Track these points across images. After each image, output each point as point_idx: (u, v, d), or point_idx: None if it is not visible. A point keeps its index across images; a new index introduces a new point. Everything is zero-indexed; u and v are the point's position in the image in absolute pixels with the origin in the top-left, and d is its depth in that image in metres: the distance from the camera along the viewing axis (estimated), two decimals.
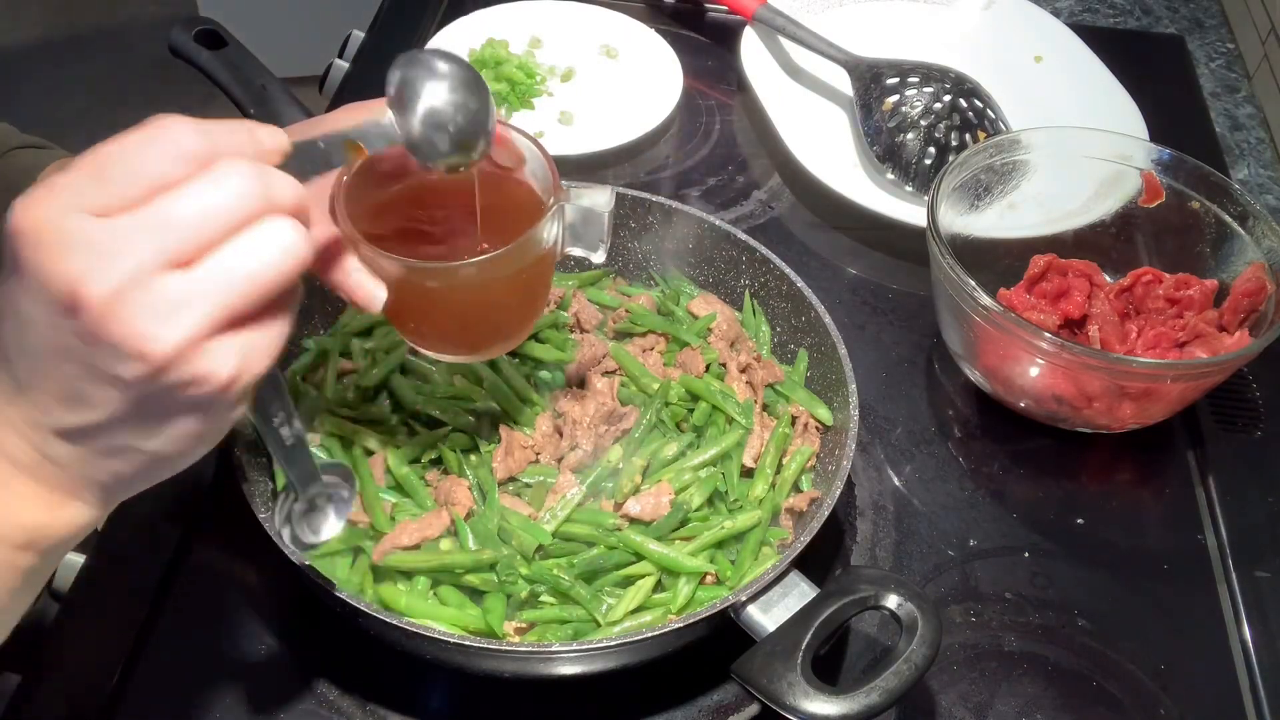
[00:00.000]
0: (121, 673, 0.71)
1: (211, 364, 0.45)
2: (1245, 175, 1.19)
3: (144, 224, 0.43)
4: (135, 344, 0.43)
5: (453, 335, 0.68)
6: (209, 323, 0.44)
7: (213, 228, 0.44)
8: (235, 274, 0.44)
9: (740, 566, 0.72)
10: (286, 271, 0.46)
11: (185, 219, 0.43)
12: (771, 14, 1.17)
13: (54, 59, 2.92)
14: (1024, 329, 0.81)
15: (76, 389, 0.45)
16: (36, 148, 0.82)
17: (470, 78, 0.56)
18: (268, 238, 0.45)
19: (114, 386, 0.45)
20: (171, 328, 0.43)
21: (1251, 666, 0.78)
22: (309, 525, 0.61)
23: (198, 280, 0.43)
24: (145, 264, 0.42)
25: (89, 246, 0.42)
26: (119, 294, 0.42)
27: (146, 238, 0.43)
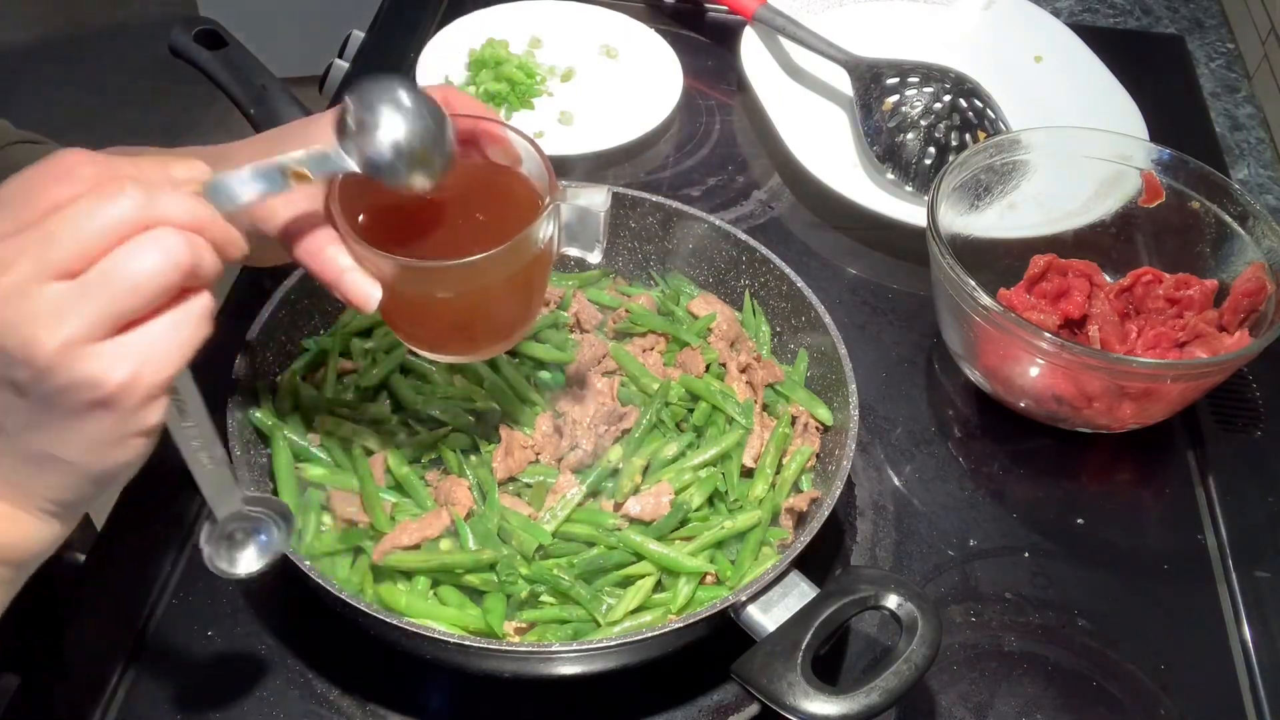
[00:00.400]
0: (121, 673, 0.71)
1: (100, 365, 0.46)
2: (1245, 175, 1.19)
3: (29, 239, 0.45)
4: (19, 348, 0.45)
5: (448, 335, 0.68)
6: (90, 325, 0.46)
7: (94, 239, 0.46)
8: (114, 279, 0.46)
9: (740, 566, 0.72)
10: (168, 277, 0.47)
11: (67, 232, 0.45)
12: (771, 14, 1.17)
13: (54, 59, 2.92)
14: (1024, 329, 0.81)
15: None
16: (32, 143, 0.82)
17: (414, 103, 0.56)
18: (149, 244, 0.46)
19: (12, 394, 0.47)
20: (53, 330, 0.45)
21: (1251, 666, 0.78)
22: (227, 553, 0.60)
23: (79, 286, 0.45)
24: (29, 274, 0.45)
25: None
26: (2, 303, 0.45)
27: (30, 251, 0.45)
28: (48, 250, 0.45)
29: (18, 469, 0.50)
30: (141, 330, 0.47)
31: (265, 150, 0.67)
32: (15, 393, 0.47)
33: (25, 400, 0.47)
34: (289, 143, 0.67)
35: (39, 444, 0.49)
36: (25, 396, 0.47)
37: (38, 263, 0.45)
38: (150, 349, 0.47)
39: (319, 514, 0.74)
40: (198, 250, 0.48)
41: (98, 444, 0.49)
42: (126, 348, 0.47)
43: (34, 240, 0.45)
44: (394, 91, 0.56)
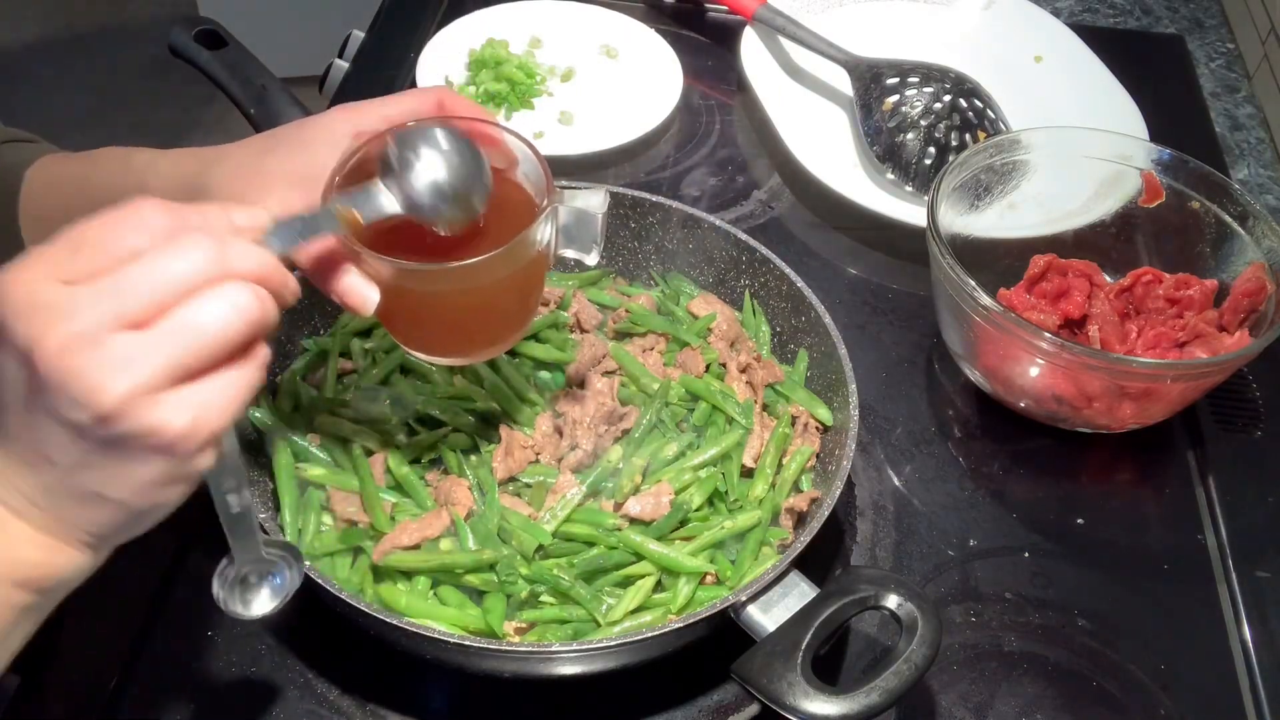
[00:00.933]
0: (121, 673, 0.71)
1: (164, 415, 0.47)
2: (1245, 175, 1.19)
3: (102, 288, 0.46)
4: (84, 394, 0.46)
5: (445, 337, 0.68)
6: (157, 376, 0.47)
7: (166, 291, 0.47)
8: (184, 331, 0.47)
9: (740, 566, 0.72)
10: (235, 332, 0.48)
11: (140, 283, 0.47)
12: (771, 14, 1.17)
13: (54, 59, 2.92)
14: (1024, 329, 0.81)
15: (43, 438, 0.48)
16: (23, 142, 0.82)
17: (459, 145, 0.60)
18: (219, 298, 0.48)
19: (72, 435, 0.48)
20: (119, 379, 0.46)
21: (1251, 666, 0.78)
22: (241, 596, 0.60)
23: (148, 337, 0.47)
24: (100, 323, 0.46)
25: (50, 308, 0.46)
26: (71, 348, 0.45)
27: (103, 300, 0.46)
28: (120, 300, 0.46)
29: (63, 503, 0.51)
30: (204, 381, 0.48)
31: (260, 152, 0.67)
32: (73, 434, 0.48)
33: (82, 441, 0.48)
34: (286, 143, 0.67)
35: (88, 482, 0.50)
36: (83, 439, 0.48)
37: (109, 312, 0.46)
38: (210, 399, 0.48)
39: (319, 514, 0.74)
40: (265, 304, 0.50)
41: (146, 486, 0.50)
42: (188, 398, 0.48)
43: (106, 289, 0.46)
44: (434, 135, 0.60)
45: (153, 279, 0.47)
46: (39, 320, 0.46)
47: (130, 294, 0.46)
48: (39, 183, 0.76)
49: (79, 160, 0.77)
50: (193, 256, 0.48)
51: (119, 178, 0.73)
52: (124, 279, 0.47)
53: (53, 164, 0.78)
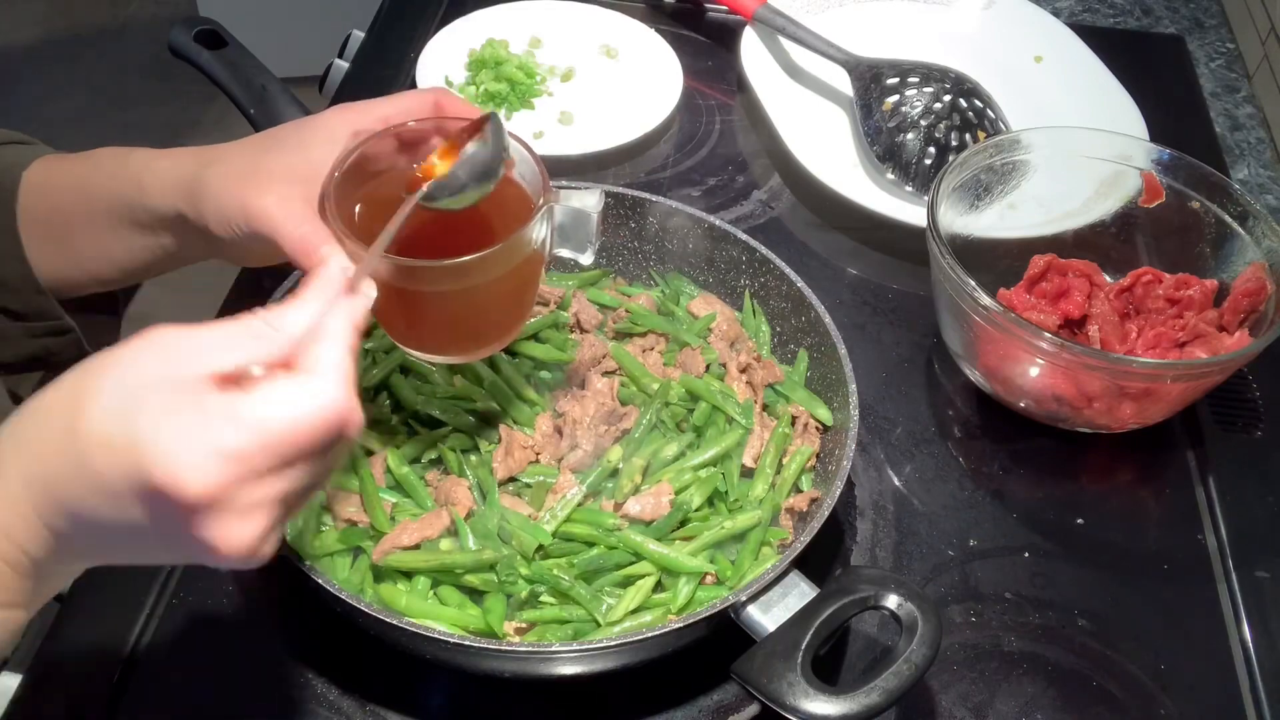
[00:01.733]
0: (121, 673, 0.71)
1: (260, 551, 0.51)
2: (1245, 175, 1.19)
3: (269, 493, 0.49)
4: (215, 550, 0.48)
5: (441, 336, 0.68)
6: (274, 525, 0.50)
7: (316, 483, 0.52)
8: (307, 491, 0.52)
9: (740, 566, 0.72)
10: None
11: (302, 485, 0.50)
12: (771, 14, 1.17)
13: (54, 59, 2.92)
14: (1024, 329, 0.81)
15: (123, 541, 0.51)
16: (20, 143, 0.82)
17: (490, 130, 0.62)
18: (335, 461, 0.53)
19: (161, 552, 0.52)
20: (251, 539, 0.49)
21: (1251, 666, 0.78)
22: None
23: (282, 500, 0.50)
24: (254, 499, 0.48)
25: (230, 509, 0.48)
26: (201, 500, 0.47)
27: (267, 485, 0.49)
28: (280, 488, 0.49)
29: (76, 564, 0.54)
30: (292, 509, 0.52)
31: (259, 152, 0.67)
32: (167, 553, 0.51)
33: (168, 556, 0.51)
34: (284, 144, 0.67)
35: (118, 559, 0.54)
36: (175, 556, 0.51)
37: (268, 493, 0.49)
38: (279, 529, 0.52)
39: (319, 514, 0.74)
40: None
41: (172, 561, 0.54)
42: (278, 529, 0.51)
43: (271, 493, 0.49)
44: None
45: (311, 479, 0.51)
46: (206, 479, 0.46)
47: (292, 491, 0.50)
48: (36, 184, 0.76)
49: (76, 161, 0.77)
50: (345, 447, 0.52)
51: (117, 178, 0.73)
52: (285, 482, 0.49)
53: (50, 165, 0.78)
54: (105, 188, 0.73)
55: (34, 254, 0.77)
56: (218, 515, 0.47)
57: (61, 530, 0.50)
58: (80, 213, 0.75)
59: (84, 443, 0.47)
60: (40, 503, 0.50)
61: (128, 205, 0.71)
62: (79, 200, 0.75)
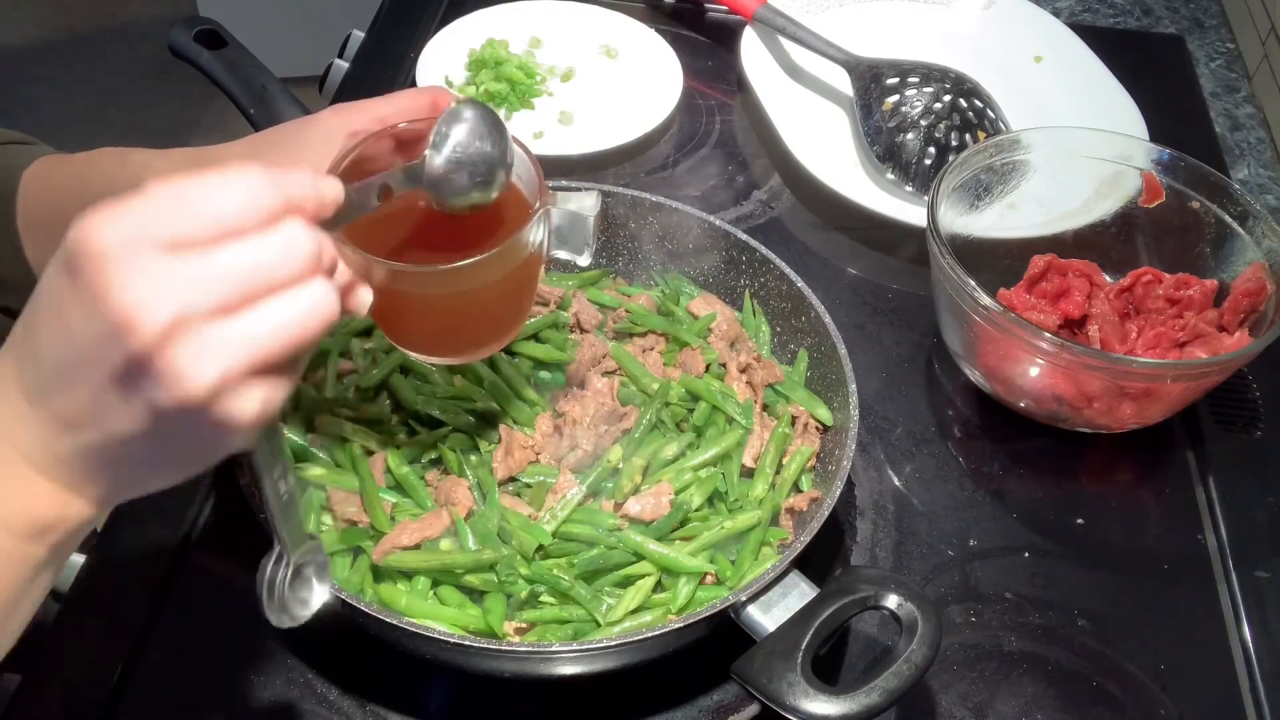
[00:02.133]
0: (121, 673, 0.71)
1: (237, 405, 0.47)
2: (1245, 175, 1.19)
3: (206, 268, 0.45)
4: (176, 377, 0.45)
5: (439, 338, 0.68)
6: (245, 367, 0.46)
7: (268, 285, 0.46)
8: (277, 327, 0.47)
9: (740, 566, 0.72)
10: (317, 330, 0.48)
11: (245, 271, 0.46)
12: (771, 14, 1.17)
13: (54, 59, 2.92)
14: (1024, 329, 0.81)
15: (104, 404, 0.47)
16: (19, 144, 0.82)
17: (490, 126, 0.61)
18: (309, 298, 0.48)
19: (142, 409, 0.47)
20: (210, 367, 0.45)
21: (1251, 666, 0.78)
22: (296, 597, 0.59)
23: (243, 328, 0.46)
24: (200, 305, 0.45)
25: (152, 278, 0.44)
26: (171, 329, 0.44)
27: (206, 281, 0.45)
28: (222, 285, 0.45)
29: (95, 465, 0.50)
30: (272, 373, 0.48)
31: (255, 153, 0.67)
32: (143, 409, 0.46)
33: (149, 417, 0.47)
34: (282, 144, 0.67)
35: (134, 451, 0.49)
36: (152, 416, 0.47)
37: (211, 296, 0.45)
38: (275, 392, 0.48)
39: (319, 514, 0.74)
40: (336, 306, 0.49)
41: (188, 459, 0.50)
42: (258, 390, 0.47)
43: (211, 270, 0.45)
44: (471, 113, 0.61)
45: (258, 270, 0.46)
46: (139, 289, 0.44)
47: (235, 281, 0.45)
48: (36, 184, 0.76)
49: (75, 161, 0.77)
50: (299, 253, 0.47)
51: (115, 178, 0.73)
52: (230, 264, 0.46)
53: (49, 165, 0.78)
54: (104, 188, 0.73)
55: (33, 253, 0.77)
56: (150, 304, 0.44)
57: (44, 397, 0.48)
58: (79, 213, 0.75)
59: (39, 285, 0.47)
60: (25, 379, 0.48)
61: None
62: (78, 201, 0.75)
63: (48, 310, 0.47)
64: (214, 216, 0.46)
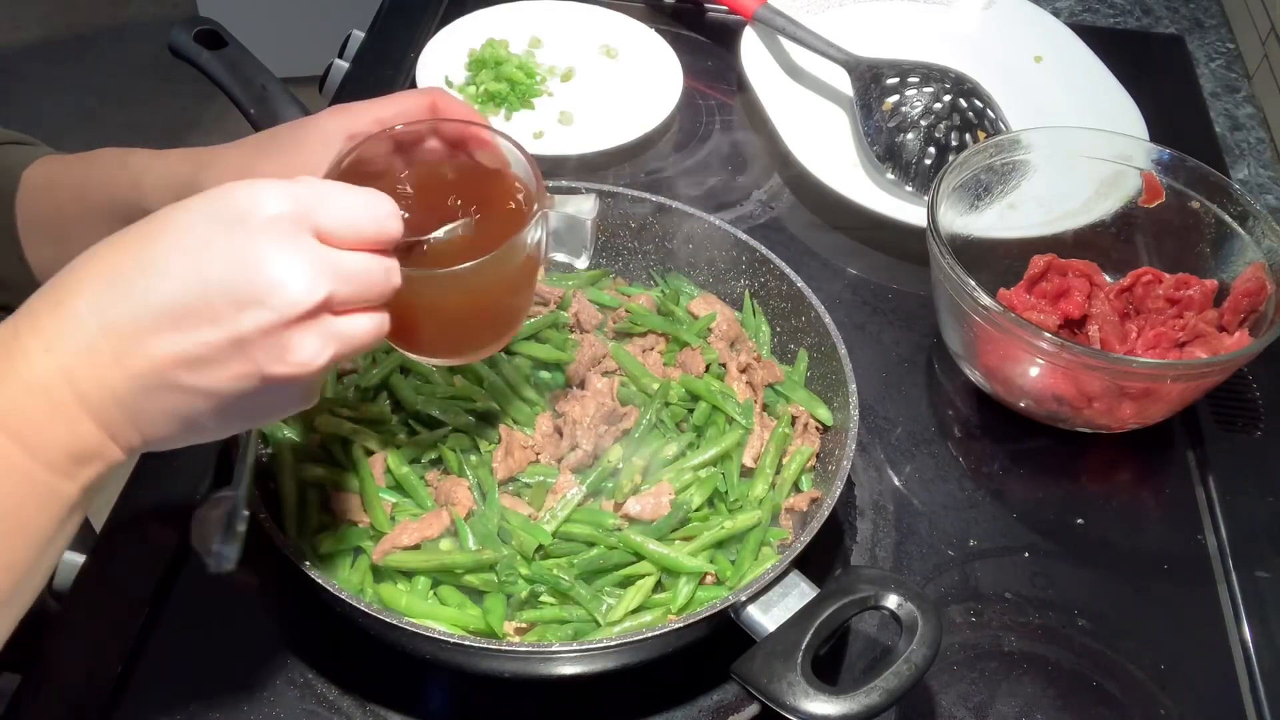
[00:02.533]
0: (121, 673, 0.71)
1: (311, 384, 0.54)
2: (1245, 175, 1.19)
3: (346, 271, 0.52)
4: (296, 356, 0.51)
5: (437, 340, 0.68)
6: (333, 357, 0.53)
7: (366, 299, 0.54)
8: (359, 334, 0.54)
9: (740, 566, 0.72)
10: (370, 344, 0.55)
11: (365, 283, 0.53)
12: (771, 14, 1.17)
13: (54, 59, 2.92)
14: (1024, 329, 0.81)
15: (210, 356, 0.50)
16: (20, 144, 0.82)
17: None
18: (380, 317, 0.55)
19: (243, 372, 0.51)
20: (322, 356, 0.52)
21: (1251, 666, 0.78)
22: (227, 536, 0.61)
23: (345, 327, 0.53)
24: (342, 297, 0.52)
25: (309, 262, 0.50)
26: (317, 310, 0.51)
27: (343, 282, 0.52)
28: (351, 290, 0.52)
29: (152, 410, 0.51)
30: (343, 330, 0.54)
31: (254, 155, 0.67)
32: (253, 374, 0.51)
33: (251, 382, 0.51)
34: (281, 145, 0.67)
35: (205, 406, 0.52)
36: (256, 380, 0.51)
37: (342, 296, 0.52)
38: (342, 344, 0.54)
39: (319, 514, 0.74)
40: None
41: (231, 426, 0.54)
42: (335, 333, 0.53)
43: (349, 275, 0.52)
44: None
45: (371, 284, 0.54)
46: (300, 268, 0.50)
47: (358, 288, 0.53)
48: (36, 184, 0.76)
49: (75, 162, 0.77)
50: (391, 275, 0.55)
51: (115, 179, 0.73)
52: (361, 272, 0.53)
53: (49, 165, 0.78)
54: (103, 189, 0.73)
55: (33, 254, 0.77)
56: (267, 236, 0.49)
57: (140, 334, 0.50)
58: (79, 213, 0.75)
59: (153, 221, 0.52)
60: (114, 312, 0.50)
61: (125, 207, 0.71)
62: (78, 201, 0.75)
63: (176, 254, 0.50)
64: (360, 228, 0.53)
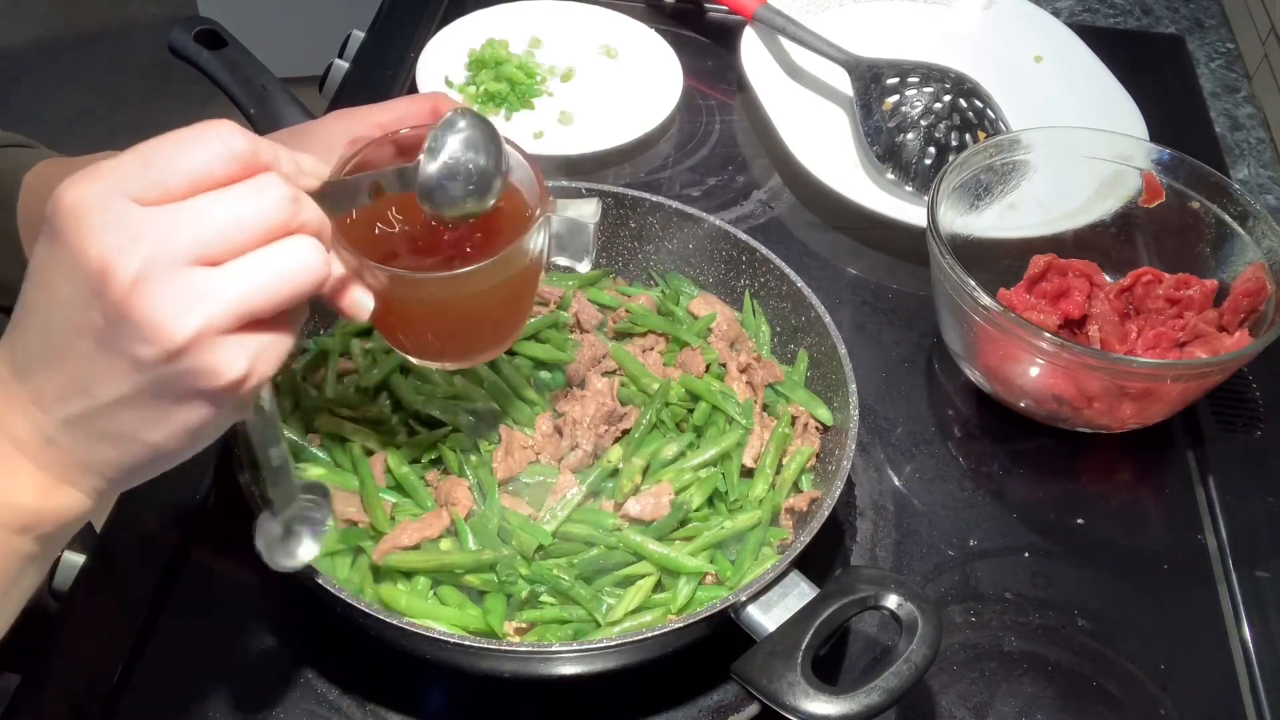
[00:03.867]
0: (121, 673, 0.71)
1: (224, 358, 0.46)
2: (1245, 175, 1.19)
3: (181, 217, 0.45)
4: (155, 326, 0.44)
5: (438, 343, 0.68)
6: (227, 318, 0.46)
7: (245, 233, 0.46)
8: (258, 278, 0.46)
9: (740, 566, 0.72)
10: (304, 286, 0.48)
11: (221, 219, 0.45)
12: (771, 14, 1.17)
13: (54, 59, 2.92)
14: (1024, 329, 0.81)
15: (90, 368, 0.46)
16: (21, 146, 0.82)
17: (485, 136, 0.60)
18: (293, 252, 0.47)
19: (126, 368, 0.46)
20: (192, 316, 0.44)
21: (1251, 666, 0.78)
22: (285, 550, 0.61)
23: (223, 277, 0.45)
24: (177, 253, 0.44)
25: (126, 228, 0.44)
26: (148, 276, 0.44)
27: (182, 229, 0.45)
28: (198, 233, 0.45)
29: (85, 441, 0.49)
30: (262, 331, 0.48)
31: None
32: (129, 367, 0.46)
33: (135, 376, 0.46)
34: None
35: (124, 421, 0.48)
36: (138, 373, 0.46)
37: (187, 244, 0.45)
38: (264, 349, 0.48)
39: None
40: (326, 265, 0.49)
41: (185, 432, 0.49)
42: (249, 344, 0.47)
43: (185, 218, 0.45)
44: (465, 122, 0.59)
45: (231, 215, 0.45)
46: (113, 239, 0.44)
47: (208, 227, 0.45)
48: (36, 187, 0.76)
49: (76, 165, 0.77)
50: (271, 200, 0.46)
51: None
52: (203, 210, 0.45)
53: (50, 168, 0.78)
54: None
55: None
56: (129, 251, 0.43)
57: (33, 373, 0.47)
58: None
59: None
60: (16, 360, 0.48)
61: None
62: None
63: (34, 286, 0.47)
64: (186, 168, 0.45)
